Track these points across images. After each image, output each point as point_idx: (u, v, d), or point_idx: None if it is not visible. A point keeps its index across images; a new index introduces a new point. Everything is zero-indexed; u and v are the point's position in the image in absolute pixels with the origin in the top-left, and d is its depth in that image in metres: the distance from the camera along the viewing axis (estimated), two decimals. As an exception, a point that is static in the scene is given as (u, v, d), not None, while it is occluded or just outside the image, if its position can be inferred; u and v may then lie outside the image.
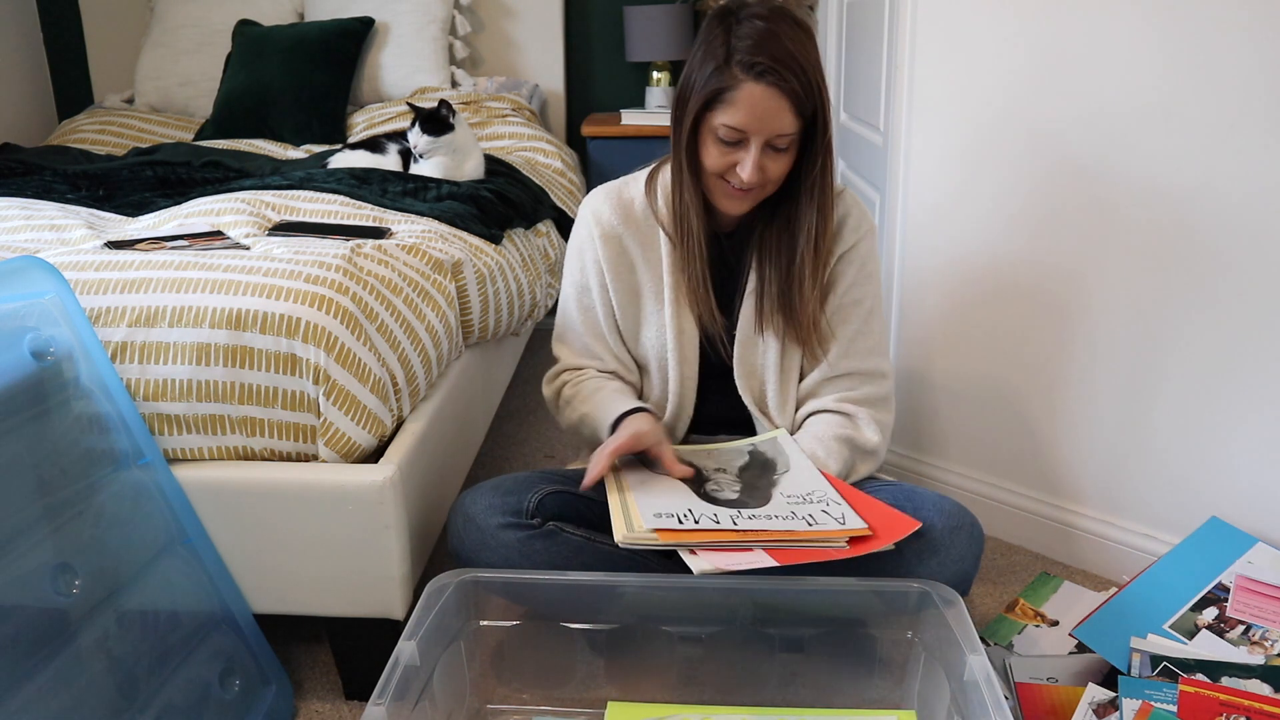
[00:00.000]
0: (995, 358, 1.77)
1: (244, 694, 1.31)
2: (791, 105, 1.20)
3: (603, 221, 1.40)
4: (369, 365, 1.34)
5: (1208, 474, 1.56)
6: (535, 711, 1.29)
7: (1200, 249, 1.48)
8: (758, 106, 1.19)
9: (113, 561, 1.19)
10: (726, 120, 1.21)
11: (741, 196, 1.28)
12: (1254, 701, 1.20)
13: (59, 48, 3.38)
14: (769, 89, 1.19)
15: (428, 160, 2.16)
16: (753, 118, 1.20)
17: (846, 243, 1.37)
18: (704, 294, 1.36)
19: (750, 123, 1.21)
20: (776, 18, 1.21)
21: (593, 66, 3.33)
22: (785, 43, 1.19)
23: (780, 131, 1.21)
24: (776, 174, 1.26)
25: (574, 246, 1.44)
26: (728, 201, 1.30)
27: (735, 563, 1.12)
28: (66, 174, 2.11)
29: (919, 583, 1.20)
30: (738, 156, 1.24)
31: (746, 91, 1.19)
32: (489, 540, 1.28)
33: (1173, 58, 1.44)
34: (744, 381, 1.40)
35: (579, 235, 1.43)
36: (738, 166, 1.24)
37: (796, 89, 1.19)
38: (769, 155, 1.24)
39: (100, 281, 1.33)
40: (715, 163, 1.25)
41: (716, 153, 1.25)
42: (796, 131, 1.23)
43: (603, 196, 1.42)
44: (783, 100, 1.19)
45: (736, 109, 1.20)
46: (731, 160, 1.24)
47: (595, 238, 1.40)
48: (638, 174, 1.43)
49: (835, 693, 1.26)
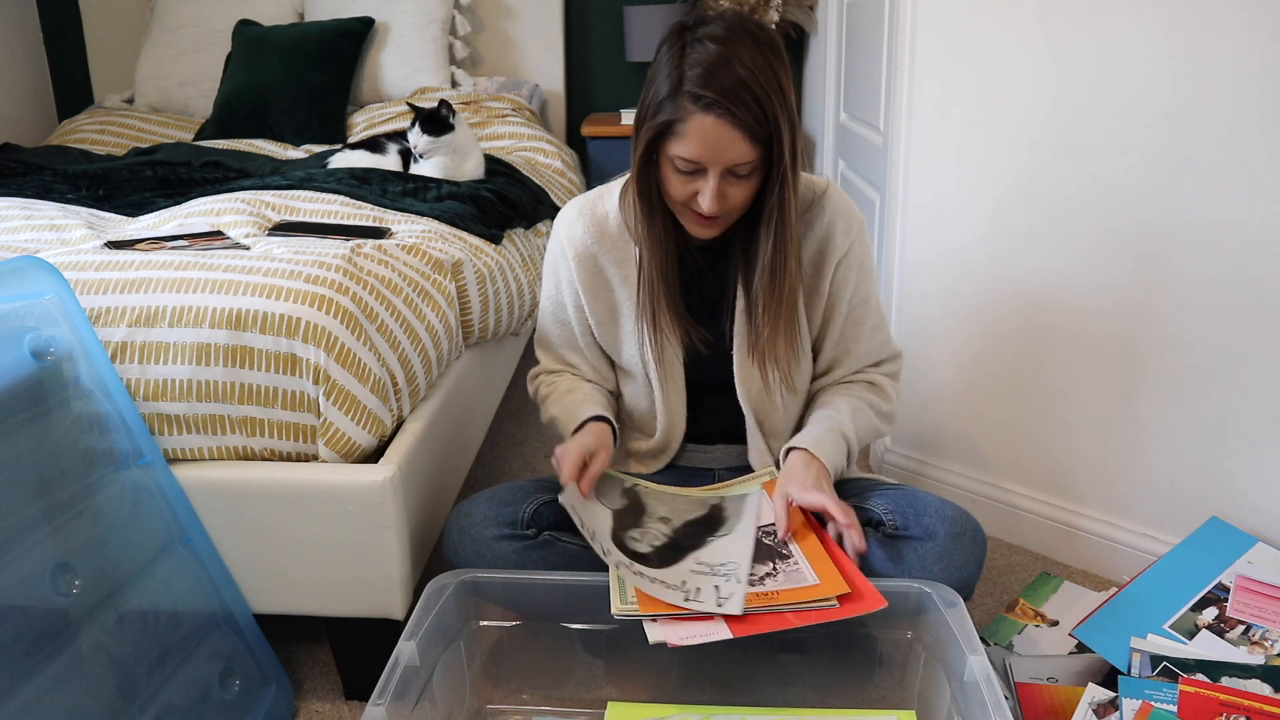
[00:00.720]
0: (995, 357, 1.77)
1: (244, 694, 1.31)
2: (744, 135, 1.14)
3: (576, 242, 1.36)
4: (369, 365, 1.34)
5: (1208, 474, 1.56)
6: (535, 711, 1.29)
7: (1200, 247, 1.48)
8: (709, 138, 1.15)
9: (113, 561, 1.19)
10: (680, 152, 1.17)
11: (708, 224, 1.24)
12: (1254, 701, 1.20)
13: (59, 48, 3.38)
14: (719, 120, 1.13)
15: (428, 160, 2.16)
16: (705, 149, 1.15)
17: (840, 249, 1.33)
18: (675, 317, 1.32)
19: (704, 154, 1.16)
20: (733, 39, 1.14)
21: (593, 66, 3.33)
22: (737, 69, 1.12)
23: (736, 161, 1.16)
24: (739, 200, 1.22)
25: (549, 264, 1.41)
26: (695, 228, 1.26)
27: (689, 634, 1.10)
28: (66, 174, 2.11)
29: (919, 583, 1.20)
30: (697, 185, 1.20)
31: (696, 123, 1.14)
32: (485, 552, 1.28)
33: (1173, 58, 1.44)
34: (743, 389, 1.38)
35: (552, 254, 1.40)
36: (699, 196, 1.20)
37: (748, 120, 1.13)
38: (730, 182, 1.19)
39: (100, 281, 1.33)
40: (677, 192, 1.22)
41: (677, 182, 1.21)
42: (755, 159, 1.18)
43: (575, 214, 1.37)
44: (734, 131, 1.14)
45: (688, 141, 1.16)
46: (692, 189, 1.20)
47: (569, 259, 1.36)
48: (611, 185, 1.39)
49: (835, 693, 1.26)
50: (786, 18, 2.90)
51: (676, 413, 1.40)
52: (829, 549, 1.23)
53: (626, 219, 1.34)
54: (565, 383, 1.43)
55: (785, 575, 1.18)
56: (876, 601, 1.14)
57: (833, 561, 1.20)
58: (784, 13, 2.89)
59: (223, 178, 2.16)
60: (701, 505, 1.34)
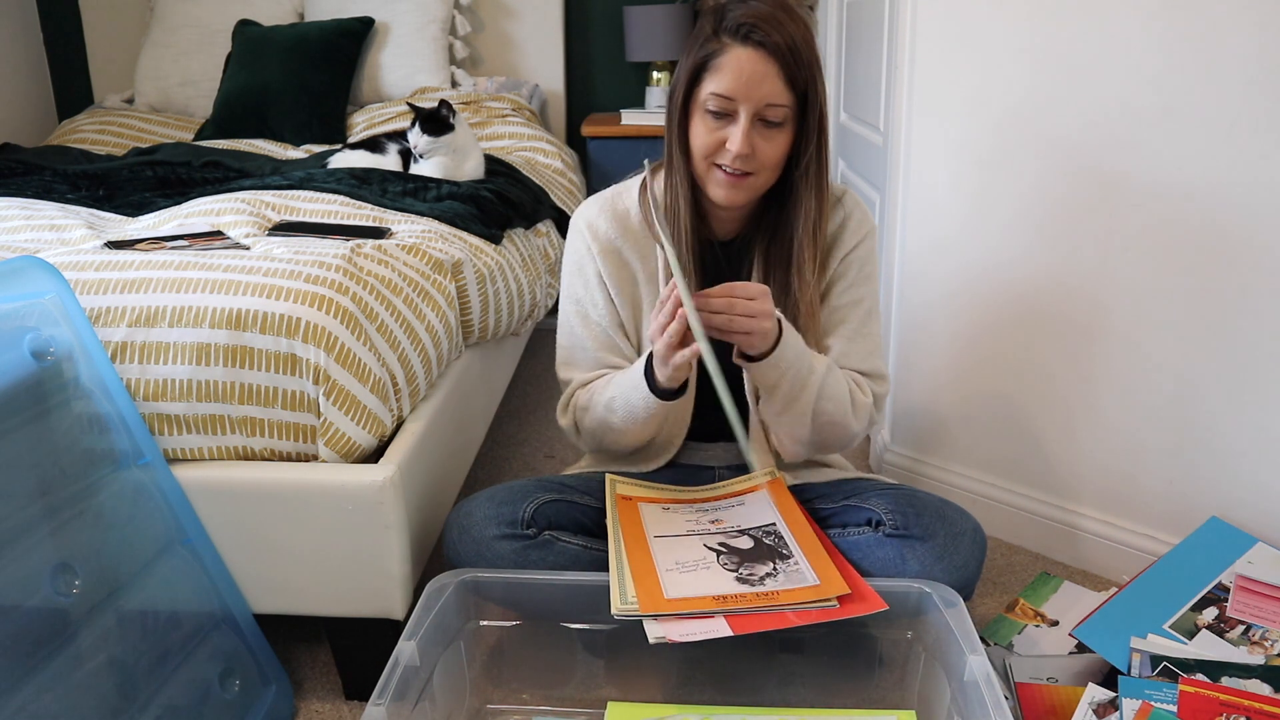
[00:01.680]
0: (995, 357, 1.77)
1: (244, 694, 1.31)
2: (781, 71, 1.16)
3: (600, 235, 1.36)
4: (369, 365, 1.34)
5: (1208, 474, 1.56)
6: (535, 711, 1.29)
7: (1200, 248, 1.48)
8: (744, 70, 1.16)
9: (113, 561, 1.19)
10: (714, 88, 1.18)
11: (733, 182, 1.23)
12: (1254, 701, 1.20)
13: (59, 48, 3.38)
14: (756, 51, 1.16)
15: (428, 160, 2.16)
16: (740, 82, 1.17)
17: (847, 245, 1.35)
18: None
19: (738, 88, 1.17)
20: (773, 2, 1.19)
21: (593, 66, 3.33)
22: (778, 14, 1.17)
23: (770, 100, 1.17)
24: (769, 155, 1.21)
25: (571, 262, 1.39)
26: (719, 190, 1.24)
27: (689, 632, 1.11)
28: (66, 174, 2.11)
29: (919, 583, 1.20)
30: (727, 131, 1.20)
31: (733, 55, 1.17)
32: (485, 552, 1.28)
33: (1174, 56, 1.44)
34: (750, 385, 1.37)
35: (576, 250, 1.38)
36: (728, 141, 1.19)
37: (785, 53, 1.16)
38: (760, 132, 1.20)
39: (100, 281, 1.33)
40: (704, 140, 1.21)
41: (704, 130, 1.21)
42: (789, 105, 1.19)
43: (596, 209, 1.37)
44: (771, 64, 1.16)
45: (724, 74, 1.17)
46: (721, 136, 1.20)
47: (594, 253, 1.36)
48: (629, 182, 1.39)
49: (835, 693, 1.26)
50: (786, 18, 2.90)
51: (684, 409, 1.40)
52: (828, 549, 1.24)
53: (646, 215, 1.34)
54: (602, 383, 1.37)
55: (785, 575, 1.18)
56: (876, 603, 1.14)
57: (832, 562, 1.20)
58: (784, 13, 2.89)
59: (223, 178, 2.16)
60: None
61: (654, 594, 1.15)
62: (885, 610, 1.13)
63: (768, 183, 1.26)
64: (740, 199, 1.26)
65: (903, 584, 1.20)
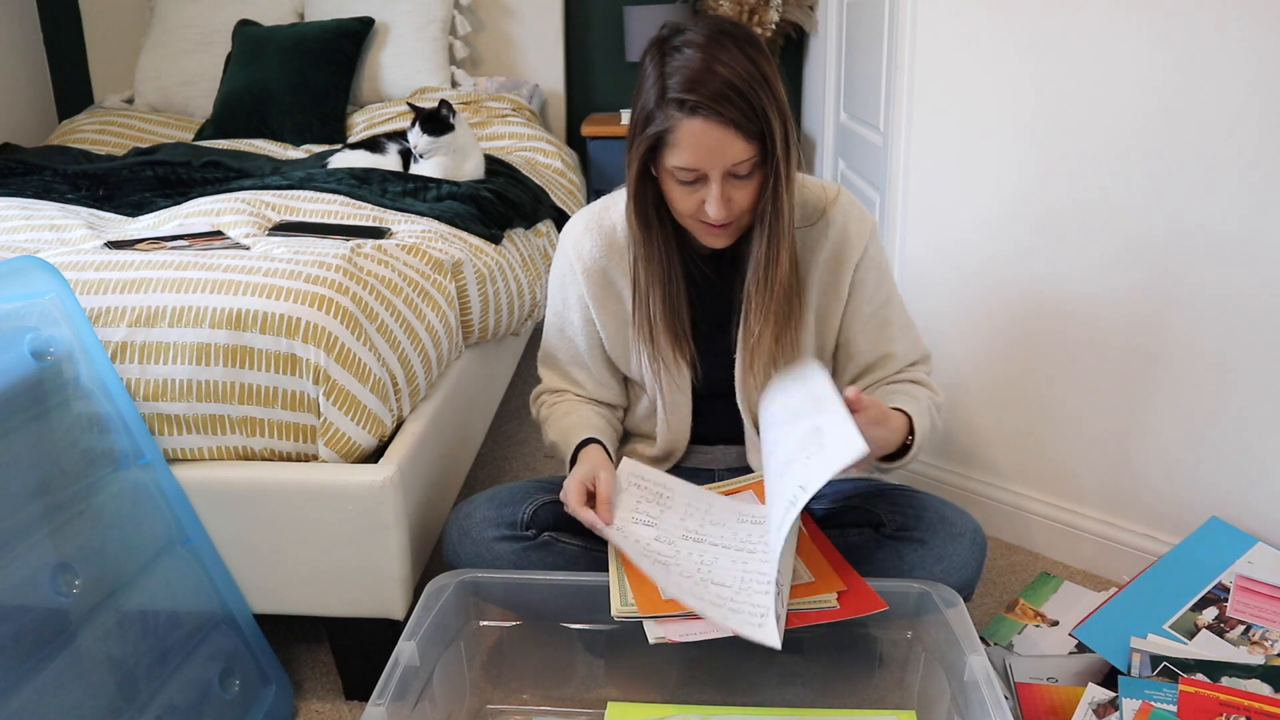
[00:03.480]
0: (995, 357, 1.77)
1: (244, 694, 1.31)
2: (737, 133, 1.12)
3: (584, 256, 1.34)
4: (369, 365, 1.34)
5: (1208, 474, 1.56)
6: (535, 711, 1.29)
7: (1199, 249, 1.48)
8: (702, 142, 1.12)
9: (113, 561, 1.19)
10: (676, 162, 1.15)
11: (719, 231, 1.22)
12: (1254, 701, 1.20)
13: (59, 48, 3.38)
14: (708, 121, 1.11)
15: (428, 160, 2.16)
16: (701, 154, 1.13)
17: (856, 251, 1.31)
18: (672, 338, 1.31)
19: (701, 160, 1.13)
20: (710, 41, 1.12)
21: (593, 66, 3.33)
22: (719, 69, 1.10)
23: (734, 160, 1.14)
24: (746, 202, 1.19)
25: (556, 277, 1.40)
26: (708, 238, 1.24)
27: (690, 632, 1.10)
28: (66, 174, 2.11)
29: (919, 583, 1.20)
30: (701, 194, 1.17)
31: (687, 129, 1.12)
32: (484, 553, 1.28)
33: (1173, 59, 1.44)
34: (743, 395, 1.37)
35: (560, 268, 1.38)
36: (705, 204, 1.18)
37: (736, 116, 1.11)
38: (733, 185, 1.17)
39: (100, 281, 1.33)
40: (683, 204, 1.19)
41: (680, 194, 1.19)
42: (753, 155, 1.15)
43: (583, 227, 1.36)
44: (726, 130, 1.12)
45: (682, 149, 1.13)
46: (698, 199, 1.18)
47: (578, 273, 1.35)
48: (616, 195, 1.36)
49: (835, 693, 1.26)
50: (786, 18, 2.90)
51: (682, 421, 1.40)
52: (822, 548, 1.24)
53: None
54: (564, 405, 1.42)
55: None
56: (876, 603, 1.14)
57: (828, 561, 1.20)
58: (784, 13, 2.89)
59: (223, 178, 2.16)
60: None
61: (651, 596, 1.15)
62: (885, 610, 1.13)
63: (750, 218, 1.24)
64: (729, 242, 1.25)
65: (902, 584, 1.20)
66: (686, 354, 1.33)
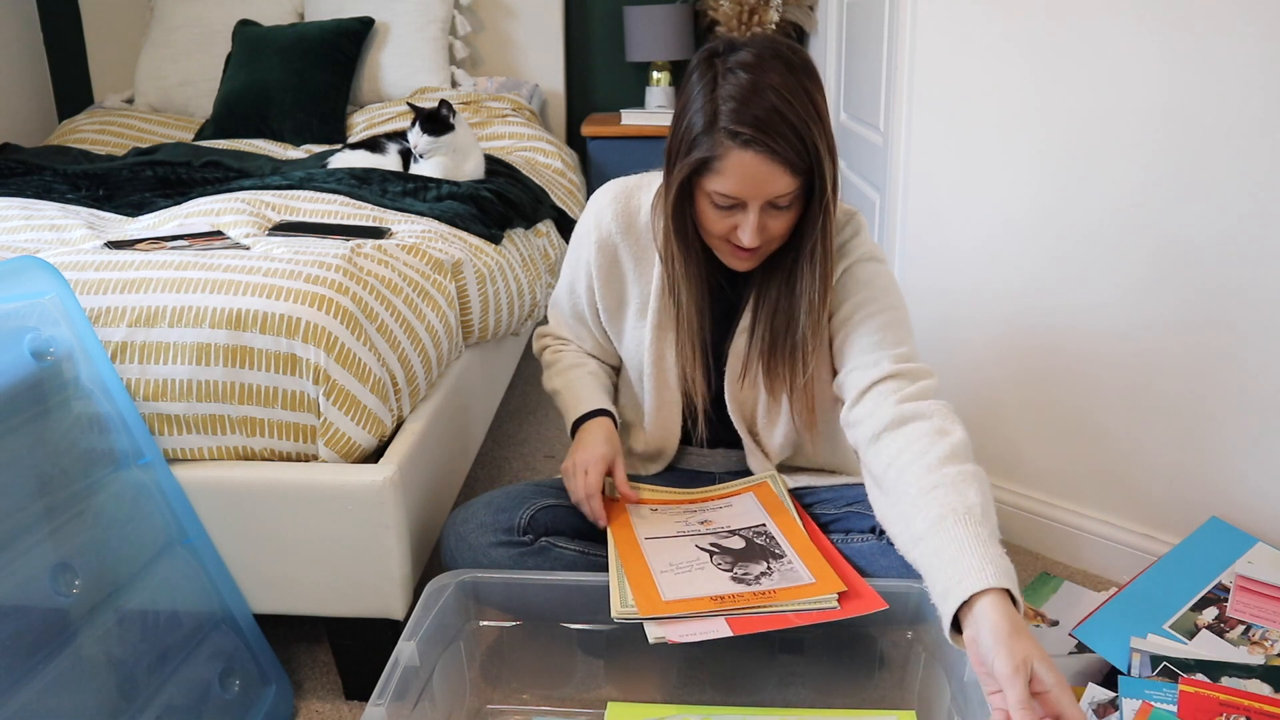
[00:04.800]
0: (994, 357, 1.77)
1: (244, 694, 1.31)
2: (785, 169, 1.12)
3: (602, 226, 1.34)
4: (369, 365, 1.34)
5: (1208, 474, 1.56)
6: (535, 712, 1.29)
7: (1199, 248, 1.48)
8: (748, 174, 1.12)
9: (113, 561, 1.19)
10: (719, 188, 1.14)
11: (747, 256, 1.22)
12: (1254, 701, 1.20)
13: (59, 48, 3.38)
14: (758, 155, 1.10)
15: (428, 160, 2.16)
16: (745, 185, 1.12)
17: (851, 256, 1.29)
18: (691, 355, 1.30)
19: (744, 190, 1.13)
20: (764, 66, 1.11)
21: (593, 66, 3.33)
22: (772, 98, 1.09)
23: (777, 194, 1.14)
24: (779, 232, 1.19)
25: (576, 236, 1.39)
26: (733, 260, 1.23)
27: (689, 632, 1.10)
28: (66, 174, 2.11)
29: (919, 583, 1.20)
30: (737, 219, 1.17)
31: (735, 160, 1.11)
32: (481, 559, 1.28)
33: (1173, 59, 1.44)
34: (734, 405, 1.36)
35: (580, 230, 1.38)
36: (739, 230, 1.17)
37: (787, 153, 1.10)
38: (769, 214, 1.16)
39: (100, 281, 1.33)
40: (715, 226, 1.19)
41: (714, 216, 1.18)
42: (796, 189, 1.14)
43: (609, 199, 1.35)
44: (775, 165, 1.11)
45: (727, 177, 1.13)
46: (732, 223, 1.17)
47: (592, 241, 1.35)
48: (652, 177, 1.35)
49: (835, 693, 1.26)
50: (786, 18, 2.90)
51: (671, 421, 1.40)
52: (821, 547, 1.24)
53: (655, 226, 1.30)
54: (571, 355, 1.44)
55: (780, 574, 1.18)
56: (876, 603, 1.14)
57: (828, 561, 1.20)
58: (784, 13, 2.89)
59: (223, 178, 2.16)
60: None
61: (651, 597, 1.15)
62: (885, 610, 1.13)
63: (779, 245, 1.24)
64: (752, 267, 1.25)
65: (903, 584, 1.20)
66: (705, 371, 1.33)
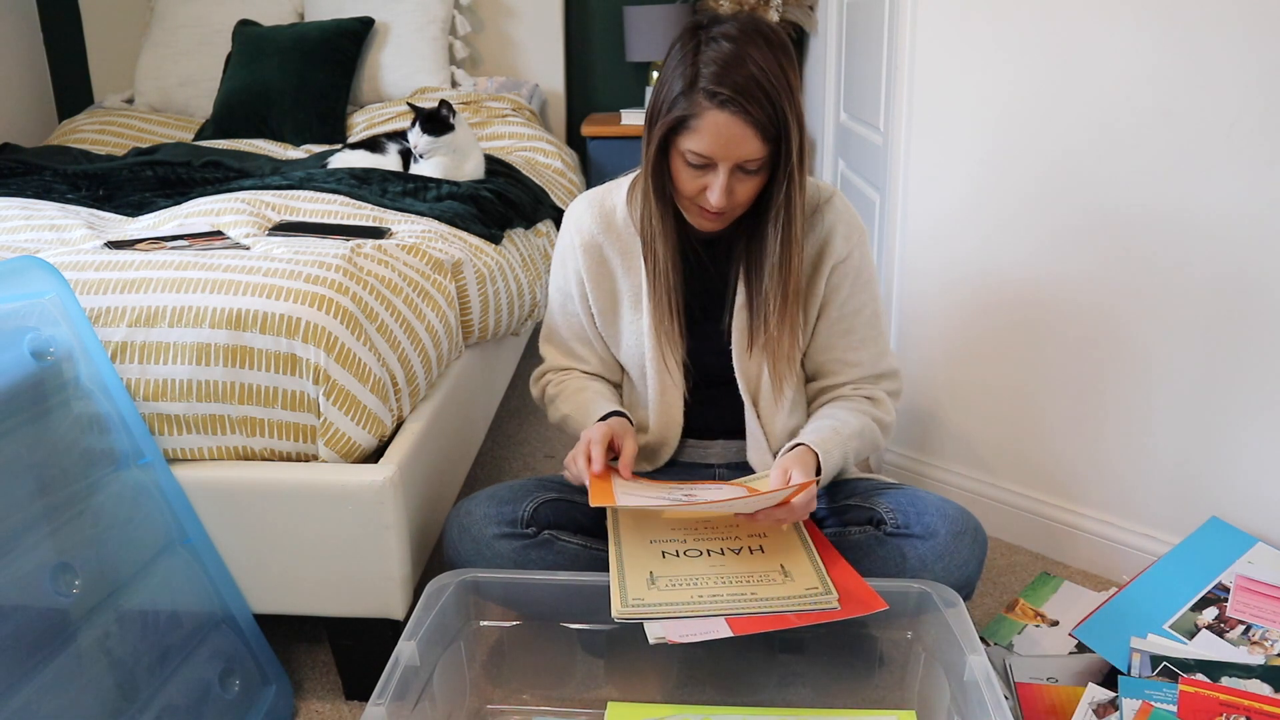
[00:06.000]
0: (995, 357, 1.77)
1: (244, 694, 1.31)
2: (756, 132, 1.17)
3: (583, 230, 1.39)
4: (369, 365, 1.34)
5: (1208, 474, 1.56)
6: (535, 711, 1.29)
7: (1199, 248, 1.48)
8: (722, 133, 1.17)
9: (113, 561, 1.19)
10: (692, 146, 1.20)
11: (714, 218, 1.27)
12: (1254, 701, 1.20)
13: (59, 48, 3.38)
14: (732, 117, 1.16)
15: (428, 160, 2.16)
16: (718, 144, 1.18)
17: (839, 254, 1.34)
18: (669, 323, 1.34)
19: (716, 149, 1.19)
20: (746, 38, 1.17)
21: (593, 66, 3.33)
22: (751, 68, 1.16)
23: (747, 157, 1.19)
24: (745, 196, 1.25)
25: (558, 253, 1.44)
26: (701, 221, 1.29)
27: (689, 632, 1.11)
28: (66, 174, 2.11)
29: (919, 583, 1.20)
30: (706, 180, 1.23)
31: (710, 119, 1.17)
32: (484, 551, 1.28)
33: (1173, 56, 1.44)
34: (744, 381, 1.38)
35: (562, 243, 1.43)
36: (707, 190, 1.23)
37: (760, 117, 1.16)
38: (737, 178, 1.22)
39: (100, 281, 1.33)
40: (686, 186, 1.24)
41: (687, 176, 1.24)
42: (764, 156, 1.21)
43: (585, 205, 1.41)
44: (747, 128, 1.17)
45: (701, 135, 1.18)
46: (701, 184, 1.23)
47: (576, 247, 1.39)
48: (622, 180, 1.42)
49: (835, 693, 1.26)
50: (786, 18, 2.90)
51: (674, 408, 1.40)
52: (822, 548, 1.24)
53: (633, 215, 1.36)
54: (575, 381, 1.44)
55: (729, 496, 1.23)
56: (876, 603, 1.14)
57: (829, 562, 1.20)
58: (784, 13, 2.89)
59: (223, 178, 2.16)
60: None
61: (605, 490, 1.19)
62: (885, 610, 1.13)
63: (744, 211, 1.29)
64: (718, 229, 1.30)
65: (903, 584, 1.20)
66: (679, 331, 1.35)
